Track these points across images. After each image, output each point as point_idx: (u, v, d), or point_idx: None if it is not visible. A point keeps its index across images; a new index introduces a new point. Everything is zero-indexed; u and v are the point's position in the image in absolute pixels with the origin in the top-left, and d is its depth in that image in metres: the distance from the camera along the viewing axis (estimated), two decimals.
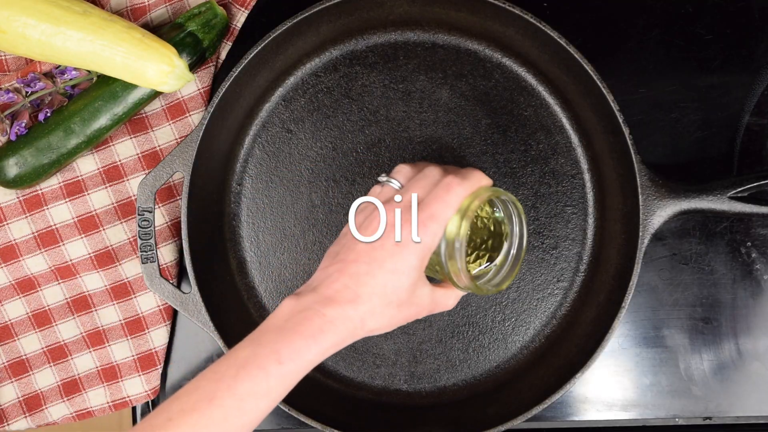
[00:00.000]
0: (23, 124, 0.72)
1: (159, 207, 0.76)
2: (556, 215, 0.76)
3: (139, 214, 0.71)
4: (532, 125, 0.76)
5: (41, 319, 0.76)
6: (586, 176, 0.76)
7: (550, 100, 0.76)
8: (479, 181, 0.59)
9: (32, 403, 0.77)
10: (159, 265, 0.71)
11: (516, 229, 0.61)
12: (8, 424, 0.77)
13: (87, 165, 0.75)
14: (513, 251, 0.62)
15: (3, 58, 0.75)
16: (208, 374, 0.54)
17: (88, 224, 0.76)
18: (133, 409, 0.78)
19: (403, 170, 0.61)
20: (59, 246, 0.76)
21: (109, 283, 0.76)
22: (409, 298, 0.58)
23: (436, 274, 0.61)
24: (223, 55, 0.77)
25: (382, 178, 0.61)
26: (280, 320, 0.55)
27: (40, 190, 0.75)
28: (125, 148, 0.76)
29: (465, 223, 0.57)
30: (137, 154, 0.76)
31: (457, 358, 0.76)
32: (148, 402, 0.78)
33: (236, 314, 0.75)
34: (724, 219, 0.76)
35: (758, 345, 0.76)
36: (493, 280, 0.62)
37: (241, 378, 0.53)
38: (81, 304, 0.76)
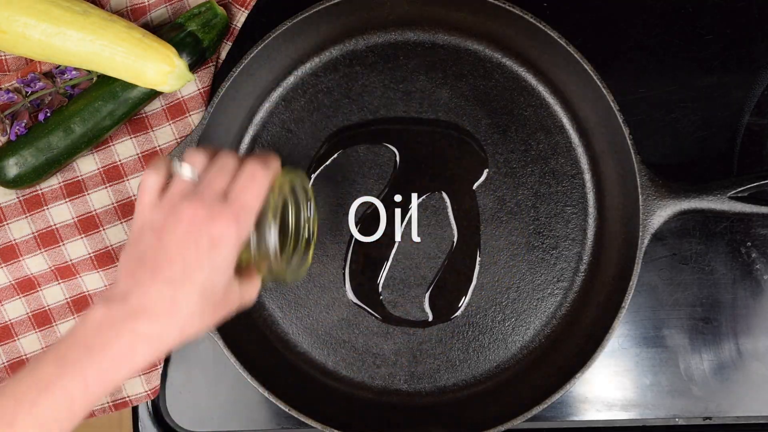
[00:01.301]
0: (23, 124, 0.72)
1: None
2: (556, 215, 0.76)
3: None
4: (532, 125, 0.76)
5: (41, 319, 0.76)
6: (586, 176, 0.76)
7: (550, 100, 0.76)
8: (277, 166, 0.56)
9: None
10: None
11: (309, 213, 0.59)
12: None
13: (87, 165, 0.75)
14: (305, 236, 0.59)
15: (3, 58, 0.75)
16: (7, 392, 0.50)
17: (88, 224, 0.76)
18: (134, 408, 0.78)
19: (197, 158, 0.57)
20: (59, 246, 0.76)
21: (109, 283, 0.76)
22: (225, 295, 0.55)
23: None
24: (223, 55, 0.77)
25: (177, 165, 0.56)
26: (89, 333, 0.51)
27: (40, 190, 0.75)
28: (125, 148, 0.76)
29: (274, 211, 0.55)
30: (137, 154, 0.76)
31: (457, 358, 0.76)
32: (147, 402, 0.78)
33: (236, 314, 0.75)
34: (724, 219, 0.76)
35: (758, 345, 0.76)
36: (291, 266, 0.59)
37: (43, 402, 0.49)
38: (81, 304, 0.76)
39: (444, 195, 0.76)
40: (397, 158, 0.76)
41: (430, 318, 0.76)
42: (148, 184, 0.56)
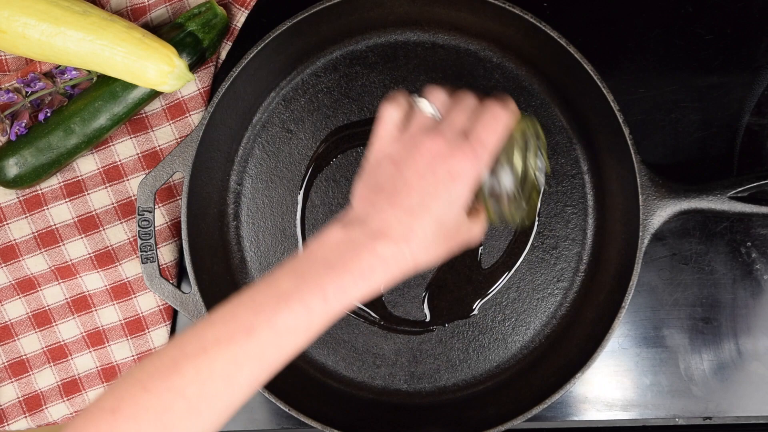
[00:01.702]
0: (23, 124, 0.72)
1: (159, 207, 0.76)
2: (556, 215, 0.76)
3: (139, 214, 0.71)
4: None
5: (41, 319, 0.76)
6: (586, 176, 0.76)
7: (550, 100, 0.76)
8: (516, 109, 0.57)
9: (32, 403, 0.77)
10: (159, 265, 0.71)
11: (540, 160, 0.59)
12: (8, 424, 0.77)
13: (87, 165, 0.75)
14: (534, 182, 0.59)
15: (3, 58, 0.75)
16: (246, 301, 0.51)
17: (88, 224, 0.76)
18: None
19: (438, 95, 0.58)
20: (59, 246, 0.76)
21: (109, 283, 0.76)
22: (457, 229, 0.55)
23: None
24: (223, 55, 0.77)
25: (419, 101, 0.57)
26: (327, 252, 0.52)
27: (40, 190, 0.75)
28: (125, 148, 0.76)
29: (509, 153, 0.56)
30: (137, 154, 0.76)
31: (457, 358, 0.76)
32: None
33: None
34: (724, 219, 0.76)
35: (758, 345, 0.76)
36: (519, 210, 0.59)
37: (282, 312, 0.50)
38: (81, 304, 0.76)
39: None
40: None
41: (428, 318, 0.76)
42: (388, 117, 0.57)
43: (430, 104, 0.57)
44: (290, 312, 0.50)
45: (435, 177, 0.53)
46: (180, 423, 0.49)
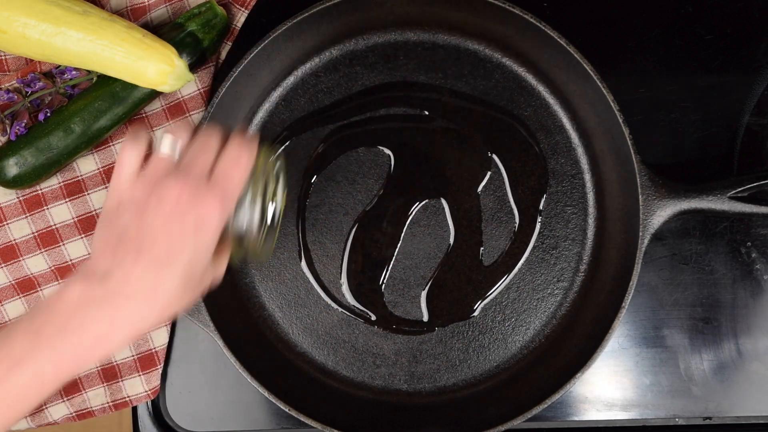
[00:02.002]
0: (23, 124, 0.72)
1: None
2: (556, 215, 0.76)
3: None
4: (532, 125, 0.76)
5: None
6: (586, 176, 0.76)
7: (550, 100, 0.76)
8: (256, 147, 0.56)
9: None
10: None
11: (278, 195, 0.58)
12: None
13: (87, 165, 0.75)
14: (275, 217, 0.58)
15: (3, 58, 0.75)
16: None
17: (88, 224, 0.76)
18: (134, 408, 0.78)
19: (179, 134, 0.55)
20: (59, 246, 0.76)
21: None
22: (203, 275, 0.53)
23: None
24: (223, 55, 0.77)
25: (158, 140, 0.55)
26: (65, 310, 0.50)
27: (40, 190, 0.75)
28: None
29: (253, 193, 0.55)
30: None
31: (457, 358, 0.76)
32: (147, 402, 0.78)
33: (236, 314, 0.75)
34: (724, 219, 0.76)
35: (758, 345, 0.76)
36: (263, 247, 0.59)
37: (13, 378, 0.49)
38: None
39: (444, 196, 0.76)
40: (392, 160, 0.76)
41: (426, 318, 0.76)
42: (127, 157, 0.54)
43: (172, 143, 0.55)
44: (21, 377, 0.49)
45: (182, 226, 0.51)
46: None
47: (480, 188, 0.75)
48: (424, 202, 0.76)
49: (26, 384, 0.49)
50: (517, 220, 0.76)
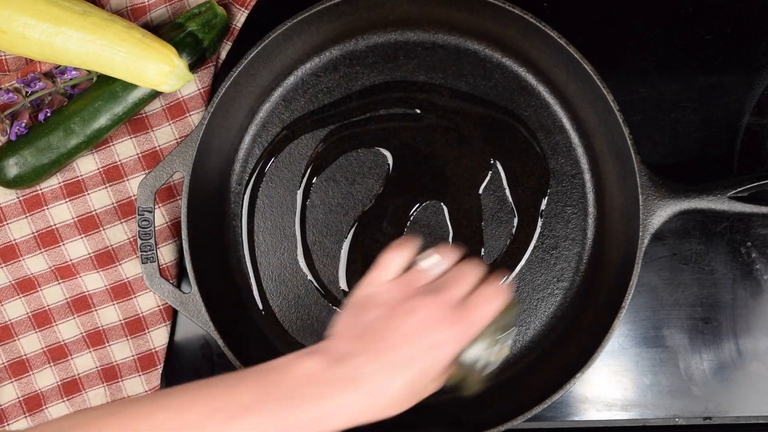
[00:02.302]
0: (23, 124, 0.72)
1: (159, 207, 0.76)
2: (556, 215, 0.76)
3: (139, 214, 0.71)
4: (532, 125, 0.76)
5: (41, 319, 0.76)
6: (586, 176, 0.76)
7: (550, 100, 0.76)
8: (508, 293, 0.58)
9: (32, 403, 0.77)
10: (159, 265, 0.71)
11: (508, 340, 0.61)
12: (8, 424, 0.77)
13: (87, 165, 0.75)
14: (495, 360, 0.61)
15: (3, 58, 0.75)
16: (203, 398, 0.51)
17: (88, 224, 0.76)
18: None
19: (447, 256, 0.59)
20: (59, 246, 0.76)
21: (109, 283, 0.76)
22: (425, 388, 0.56)
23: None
24: (223, 55, 0.77)
25: (426, 255, 0.59)
26: (297, 379, 0.52)
27: (40, 190, 0.75)
28: (125, 148, 0.76)
29: (495, 332, 0.58)
30: (137, 154, 0.76)
31: None
32: None
33: (236, 314, 0.75)
34: (724, 219, 0.76)
35: (758, 345, 0.76)
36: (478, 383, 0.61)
37: (235, 423, 0.50)
38: (81, 304, 0.76)
39: (444, 196, 0.76)
40: (390, 161, 0.76)
41: None
42: (393, 259, 0.58)
43: (436, 262, 0.58)
44: (240, 426, 0.50)
45: (422, 340, 0.54)
46: None
47: (481, 189, 0.75)
48: (424, 204, 0.76)
49: None
50: (517, 220, 0.76)
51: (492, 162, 0.76)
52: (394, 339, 0.54)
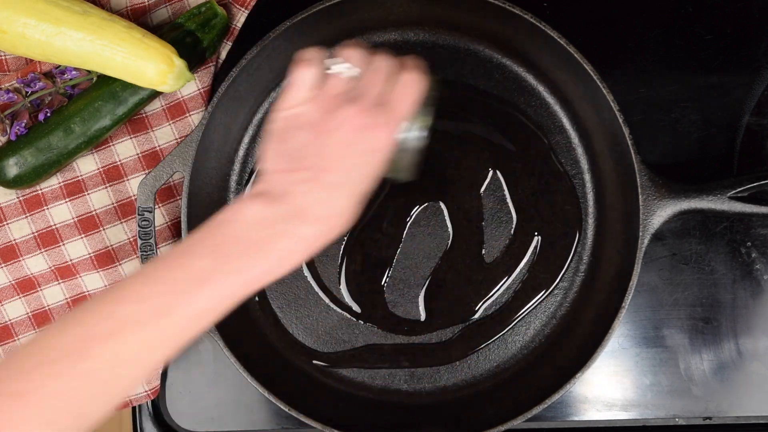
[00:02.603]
0: (23, 124, 0.72)
1: (159, 207, 0.76)
2: (556, 215, 0.76)
3: (139, 214, 0.71)
4: (532, 125, 0.76)
5: (41, 319, 0.76)
6: (586, 176, 0.76)
7: (550, 100, 0.76)
8: (423, 73, 0.56)
9: None
10: None
11: (428, 117, 0.59)
12: None
13: (87, 165, 0.75)
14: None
15: (3, 58, 0.75)
16: (162, 278, 0.50)
17: (88, 224, 0.76)
18: (134, 408, 0.78)
19: (355, 55, 0.56)
20: (59, 246, 0.76)
21: (109, 283, 0.76)
22: (364, 191, 0.54)
23: None
24: (223, 55, 0.77)
25: (335, 60, 0.55)
26: (245, 230, 0.51)
27: (40, 190, 0.75)
28: (125, 148, 0.76)
29: (420, 114, 0.56)
30: (137, 154, 0.76)
31: (457, 358, 0.76)
32: (147, 402, 0.78)
33: (235, 313, 0.75)
34: (724, 219, 0.76)
35: (758, 345, 0.76)
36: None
37: (201, 293, 0.49)
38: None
39: (445, 197, 0.76)
40: None
41: (426, 318, 0.76)
42: (303, 77, 0.55)
43: (348, 66, 0.55)
44: (210, 294, 0.50)
45: (356, 150, 0.53)
46: (91, 404, 0.49)
47: (482, 189, 0.75)
48: (424, 204, 0.76)
49: (213, 302, 0.50)
50: (516, 220, 0.76)
51: (492, 162, 0.76)
52: (329, 158, 0.52)
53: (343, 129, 0.53)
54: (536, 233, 0.75)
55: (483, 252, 0.76)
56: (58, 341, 0.48)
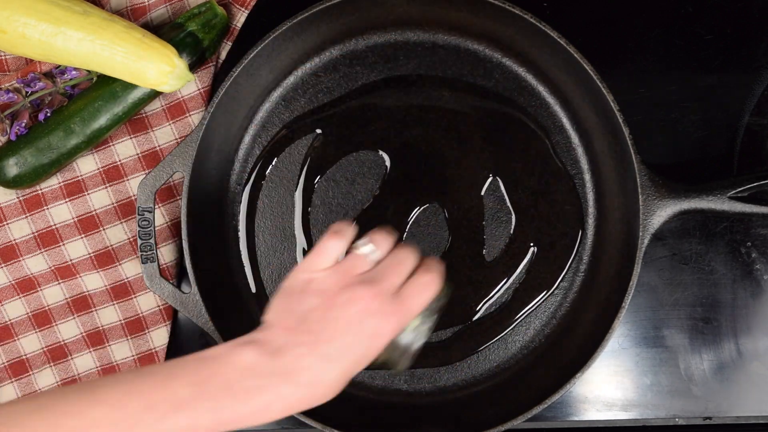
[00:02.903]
0: (23, 124, 0.72)
1: (159, 207, 0.76)
2: (555, 215, 0.76)
3: (139, 214, 0.71)
4: (532, 125, 0.76)
5: (41, 319, 0.76)
6: (586, 176, 0.76)
7: (550, 100, 0.76)
8: (441, 277, 0.58)
9: None
10: (159, 265, 0.71)
11: (433, 320, 0.60)
12: None
13: (87, 165, 0.75)
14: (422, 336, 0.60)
15: (3, 58, 0.75)
16: (139, 392, 0.51)
17: (88, 224, 0.76)
18: None
19: (383, 243, 0.58)
20: (59, 246, 0.76)
21: (109, 283, 0.76)
22: (355, 373, 0.56)
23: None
24: (223, 55, 0.77)
25: (363, 246, 0.57)
26: (232, 372, 0.52)
27: (40, 190, 0.75)
28: (125, 148, 0.76)
29: (426, 314, 0.58)
30: (137, 154, 0.76)
31: (457, 358, 0.76)
32: None
33: (236, 314, 0.75)
34: (724, 219, 0.76)
35: (758, 345, 0.76)
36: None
37: (170, 420, 0.50)
38: (81, 304, 0.76)
39: (445, 197, 0.76)
40: (390, 161, 0.76)
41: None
42: (330, 247, 0.57)
43: (373, 250, 0.57)
44: (181, 421, 0.50)
45: (360, 331, 0.54)
46: None
47: (483, 191, 0.75)
48: (424, 204, 0.76)
49: (180, 427, 0.51)
50: (516, 220, 0.76)
51: (492, 163, 0.76)
52: (332, 330, 0.54)
53: (353, 306, 0.54)
54: (536, 233, 0.75)
55: (483, 252, 0.76)
56: (29, 422, 0.49)
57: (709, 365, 0.76)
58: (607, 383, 0.76)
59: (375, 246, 0.57)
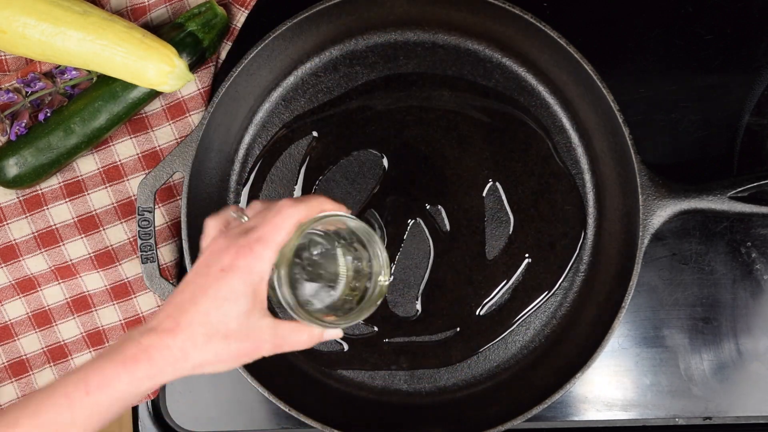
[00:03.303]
0: (23, 124, 0.72)
1: (159, 207, 0.76)
2: (556, 215, 0.76)
3: (139, 214, 0.71)
4: (532, 125, 0.76)
5: (41, 319, 0.76)
6: (586, 176, 0.76)
7: (550, 100, 0.76)
8: (320, 204, 0.55)
9: None
10: (159, 265, 0.71)
11: (369, 263, 0.56)
12: None
13: (87, 165, 0.75)
14: (366, 286, 0.56)
15: (3, 58, 0.75)
16: (27, 395, 0.52)
17: (88, 224, 0.76)
18: (134, 408, 0.78)
19: (254, 206, 0.58)
20: (59, 246, 0.76)
21: (109, 283, 0.76)
22: (239, 329, 0.53)
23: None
24: (223, 55, 0.77)
25: (232, 214, 0.58)
26: (111, 347, 0.53)
27: (40, 190, 0.75)
28: (125, 148, 0.76)
29: (290, 247, 0.54)
30: (137, 154, 0.76)
31: (457, 358, 0.76)
32: (147, 402, 0.78)
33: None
34: (724, 219, 0.76)
35: (758, 345, 0.76)
36: (349, 315, 0.57)
37: (44, 407, 0.50)
38: (81, 304, 0.76)
39: (445, 197, 0.76)
40: (390, 161, 0.76)
41: (426, 318, 0.76)
42: (204, 228, 0.58)
43: (237, 211, 0.57)
44: (52, 407, 0.51)
45: (208, 273, 0.53)
46: None
47: (485, 192, 0.75)
48: (425, 204, 0.76)
49: (56, 412, 0.51)
50: (517, 220, 0.75)
51: (493, 164, 0.76)
52: (183, 284, 0.54)
53: (203, 258, 0.55)
54: (536, 233, 0.75)
55: (483, 253, 0.76)
56: None
57: (709, 365, 0.76)
58: (607, 383, 0.76)
59: (248, 209, 0.58)
